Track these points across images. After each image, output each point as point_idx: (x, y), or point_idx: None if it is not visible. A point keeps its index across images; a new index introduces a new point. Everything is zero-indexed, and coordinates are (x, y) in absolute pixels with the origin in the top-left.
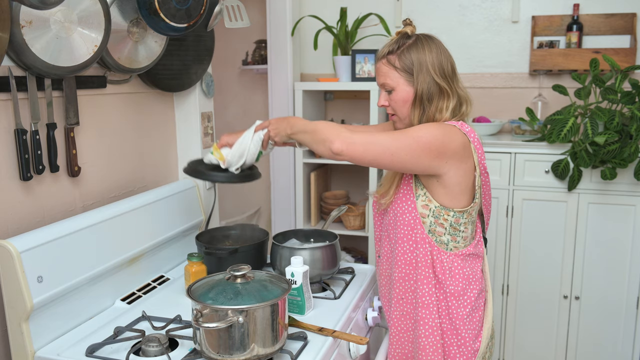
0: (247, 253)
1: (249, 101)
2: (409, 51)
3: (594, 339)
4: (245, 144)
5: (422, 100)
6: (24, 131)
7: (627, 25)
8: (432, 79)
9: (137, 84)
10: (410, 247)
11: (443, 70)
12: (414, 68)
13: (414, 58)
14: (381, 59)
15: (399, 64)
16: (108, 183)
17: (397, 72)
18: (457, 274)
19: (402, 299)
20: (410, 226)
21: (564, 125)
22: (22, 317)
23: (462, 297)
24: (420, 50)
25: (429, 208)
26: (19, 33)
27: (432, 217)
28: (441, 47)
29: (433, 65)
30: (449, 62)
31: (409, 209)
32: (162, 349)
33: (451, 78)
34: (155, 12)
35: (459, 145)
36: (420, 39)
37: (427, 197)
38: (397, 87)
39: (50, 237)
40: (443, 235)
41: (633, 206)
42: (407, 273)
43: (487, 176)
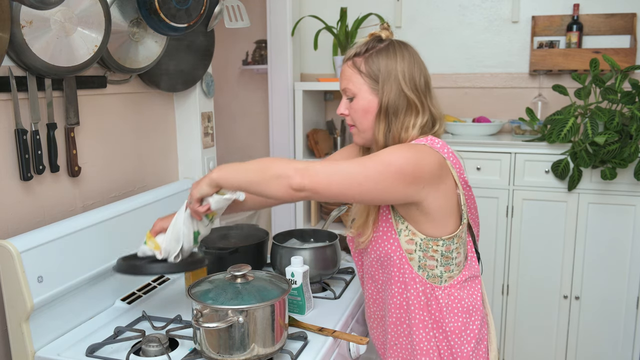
0: (247, 253)
1: (249, 101)
2: (377, 56)
3: (594, 339)
4: (178, 226)
5: (388, 113)
6: (24, 131)
7: (627, 25)
8: (400, 90)
9: (137, 84)
10: (399, 289)
11: (414, 83)
12: (381, 75)
13: (382, 64)
14: (347, 60)
15: (364, 69)
16: (108, 183)
17: (361, 77)
18: (455, 308)
19: (397, 345)
20: (396, 267)
21: (564, 125)
22: (23, 317)
23: (464, 333)
24: (391, 57)
25: (415, 242)
26: (19, 33)
27: (420, 251)
28: (416, 57)
29: (403, 75)
30: (422, 75)
31: (392, 248)
32: (162, 349)
33: (423, 92)
34: (155, 12)
35: (434, 166)
36: (393, 44)
37: (409, 230)
38: (358, 94)
39: (51, 237)
40: (435, 269)
41: (633, 206)
42: (399, 317)
43: (470, 189)
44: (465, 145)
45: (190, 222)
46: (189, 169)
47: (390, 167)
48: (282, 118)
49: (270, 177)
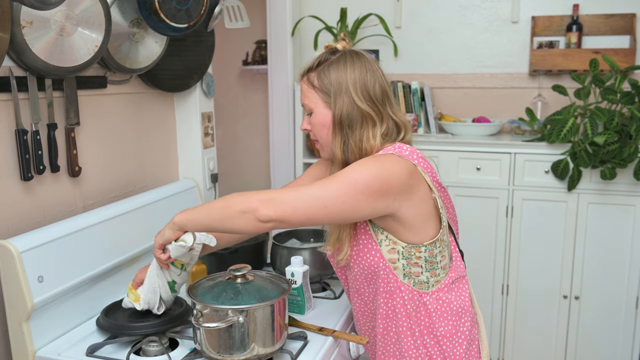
0: (247, 253)
1: (249, 101)
2: (329, 69)
3: (593, 339)
4: (152, 278)
5: (342, 126)
6: (25, 131)
7: (627, 25)
8: (351, 101)
9: (138, 84)
10: (385, 299)
11: (367, 93)
12: (332, 88)
13: (333, 77)
14: (302, 76)
15: (317, 83)
16: (108, 183)
17: (315, 91)
18: (445, 312)
19: (385, 354)
20: (381, 278)
21: (563, 126)
22: (23, 317)
23: (455, 336)
24: (342, 69)
25: (397, 251)
26: (19, 33)
27: (404, 259)
28: (369, 65)
29: (355, 86)
30: (376, 84)
31: (375, 259)
32: (162, 348)
33: (380, 101)
34: (156, 13)
35: (403, 176)
36: (344, 55)
37: (390, 239)
38: (315, 109)
39: (51, 237)
40: (421, 275)
41: (633, 206)
42: (386, 327)
43: (445, 190)
44: (465, 145)
45: (162, 272)
46: (189, 169)
47: (356, 185)
48: (282, 118)
49: (234, 213)
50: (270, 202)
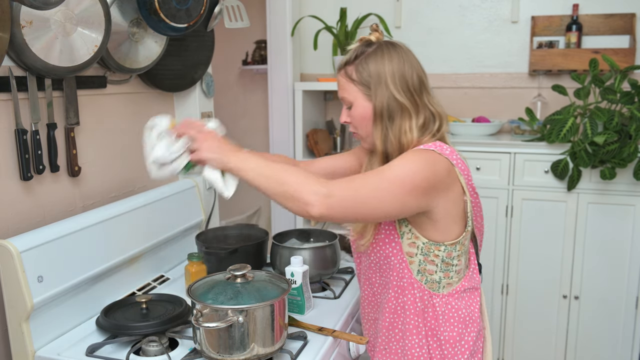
0: (247, 253)
1: (248, 101)
2: (367, 61)
3: (593, 338)
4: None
5: (383, 117)
6: (25, 131)
7: (627, 25)
8: (390, 93)
9: (137, 84)
10: (396, 293)
11: (406, 83)
12: (372, 80)
13: (372, 69)
14: (339, 70)
15: (356, 76)
16: (108, 183)
17: (354, 85)
18: (452, 317)
19: (387, 349)
20: (396, 271)
21: (563, 125)
22: (23, 316)
23: (459, 343)
24: (379, 60)
25: (417, 245)
26: (19, 33)
27: (421, 255)
28: (406, 56)
29: (393, 78)
30: (414, 73)
31: (393, 251)
32: (162, 348)
33: (417, 92)
34: (155, 12)
35: (444, 174)
36: (381, 47)
37: (413, 233)
38: (355, 102)
39: (51, 237)
40: (434, 274)
41: (632, 206)
42: (392, 322)
43: (477, 196)
44: (465, 145)
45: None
46: None
47: (404, 185)
48: (282, 118)
49: (288, 195)
50: (326, 199)
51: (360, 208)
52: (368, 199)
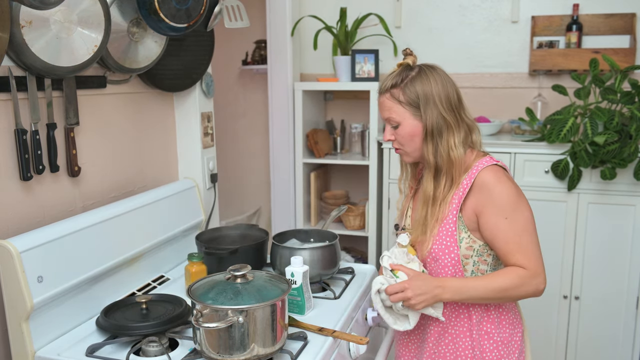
0: (247, 253)
1: (248, 101)
2: (413, 84)
3: (594, 339)
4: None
5: (433, 134)
6: (24, 131)
7: (627, 25)
8: (439, 112)
9: (137, 84)
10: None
11: (450, 102)
12: (420, 101)
13: (420, 91)
14: (384, 93)
15: (403, 98)
16: (108, 183)
17: (402, 106)
18: (504, 319)
19: (436, 353)
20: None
21: (563, 125)
22: (22, 317)
23: (509, 344)
24: (425, 82)
25: (473, 249)
26: (19, 33)
27: (476, 256)
28: (445, 77)
29: (440, 98)
30: (454, 92)
31: (450, 255)
32: (162, 349)
33: (458, 108)
34: (155, 12)
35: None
36: (423, 70)
37: (471, 238)
38: (403, 122)
39: (50, 237)
40: (486, 272)
41: (633, 206)
42: (445, 325)
43: None
44: None
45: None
46: (189, 169)
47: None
48: (282, 118)
49: (515, 296)
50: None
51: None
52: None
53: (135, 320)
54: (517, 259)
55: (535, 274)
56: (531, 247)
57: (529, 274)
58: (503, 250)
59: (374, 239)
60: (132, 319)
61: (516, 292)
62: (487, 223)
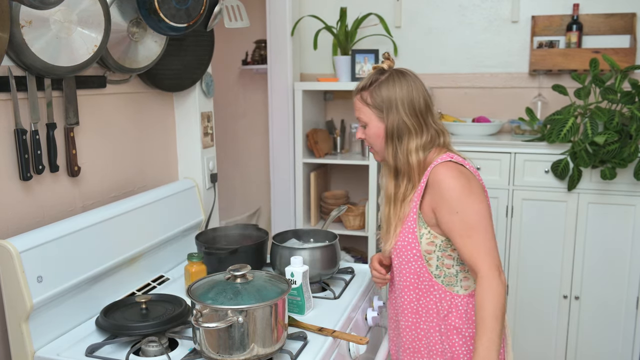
0: (247, 253)
1: (248, 101)
2: (380, 88)
3: (593, 339)
4: None
5: (393, 137)
6: (24, 131)
7: (627, 25)
8: (400, 117)
9: (137, 84)
10: (417, 295)
11: (414, 108)
12: (384, 105)
13: (384, 95)
14: (356, 94)
15: (370, 101)
16: (108, 183)
17: (369, 108)
18: (472, 316)
19: (410, 349)
20: (415, 273)
21: (563, 125)
22: (22, 317)
23: None
24: (391, 87)
25: (435, 244)
26: (18, 33)
27: (439, 251)
28: (414, 83)
29: (402, 103)
30: (421, 98)
31: (412, 251)
32: (162, 349)
33: (423, 114)
34: (155, 12)
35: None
36: (392, 75)
37: (431, 234)
38: (369, 123)
39: (50, 237)
40: (452, 267)
41: (633, 206)
42: (415, 321)
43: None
44: (465, 145)
45: None
46: (189, 169)
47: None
48: (282, 118)
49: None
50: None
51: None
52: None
53: (135, 320)
54: (470, 258)
55: (490, 275)
56: (482, 243)
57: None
58: (457, 246)
59: (374, 239)
60: (132, 319)
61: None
62: (441, 219)
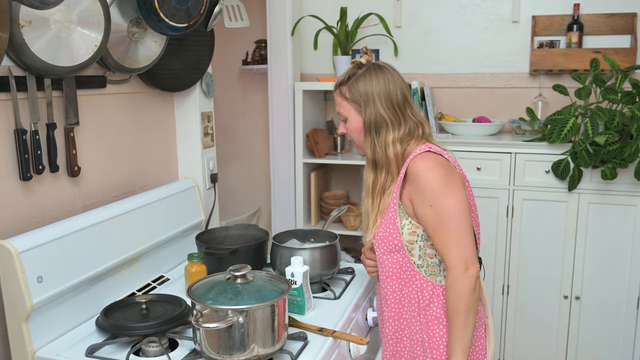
0: (247, 253)
1: (249, 101)
2: (357, 82)
3: (594, 339)
4: None
5: (371, 130)
6: (24, 131)
7: (628, 25)
8: (377, 110)
9: (137, 84)
10: (399, 285)
11: (391, 101)
12: (362, 99)
13: (362, 89)
14: (336, 89)
15: (349, 95)
16: (108, 183)
17: (347, 102)
18: None
19: (393, 339)
20: (397, 263)
21: (564, 125)
22: (22, 317)
23: None
24: (368, 81)
25: (417, 234)
26: (18, 33)
27: (421, 241)
28: (391, 76)
29: (379, 96)
30: (398, 91)
31: (394, 241)
32: (162, 349)
33: (401, 107)
34: (155, 12)
35: (456, 175)
36: (369, 69)
37: (412, 224)
38: (349, 117)
39: (50, 237)
40: (434, 257)
41: (633, 206)
42: (398, 311)
43: (470, 190)
44: (465, 145)
45: None
46: (189, 169)
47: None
48: (282, 118)
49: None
50: (467, 262)
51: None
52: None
53: (135, 321)
54: (441, 251)
55: (455, 270)
56: (454, 237)
57: (452, 274)
58: (432, 237)
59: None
60: (132, 319)
61: (457, 298)
62: (417, 211)
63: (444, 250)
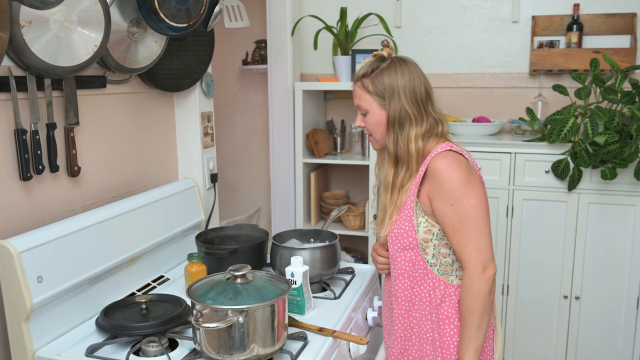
0: (247, 253)
1: (249, 101)
2: (381, 75)
3: (594, 339)
4: None
5: (394, 125)
6: (24, 131)
7: (627, 25)
8: (402, 105)
9: (137, 84)
10: (411, 283)
11: (415, 96)
12: (386, 92)
13: (387, 82)
14: (357, 81)
15: (372, 88)
16: (108, 183)
17: (370, 95)
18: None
19: (402, 337)
20: (410, 261)
21: (564, 125)
22: (22, 317)
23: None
24: (393, 75)
25: (432, 232)
26: (18, 33)
27: (436, 239)
28: (415, 70)
29: (405, 91)
30: (422, 86)
31: (408, 239)
32: (162, 349)
33: (424, 102)
34: (155, 12)
35: (476, 175)
36: (394, 62)
37: (429, 222)
38: (370, 110)
39: (50, 237)
40: (447, 257)
41: (633, 206)
42: (408, 309)
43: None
44: (465, 145)
45: None
46: (189, 169)
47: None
48: (282, 118)
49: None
50: (485, 263)
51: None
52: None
53: (135, 321)
54: (459, 252)
55: (473, 272)
56: (473, 238)
57: (469, 275)
58: (450, 237)
59: (374, 239)
60: (132, 319)
61: (473, 299)
62: (436, 209)
63: (462, 250)
